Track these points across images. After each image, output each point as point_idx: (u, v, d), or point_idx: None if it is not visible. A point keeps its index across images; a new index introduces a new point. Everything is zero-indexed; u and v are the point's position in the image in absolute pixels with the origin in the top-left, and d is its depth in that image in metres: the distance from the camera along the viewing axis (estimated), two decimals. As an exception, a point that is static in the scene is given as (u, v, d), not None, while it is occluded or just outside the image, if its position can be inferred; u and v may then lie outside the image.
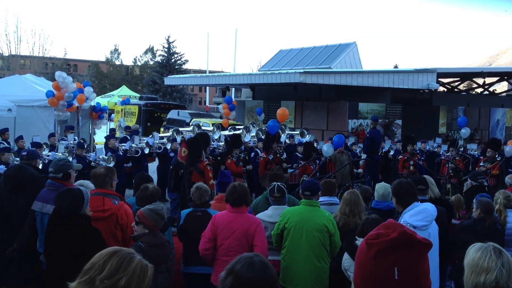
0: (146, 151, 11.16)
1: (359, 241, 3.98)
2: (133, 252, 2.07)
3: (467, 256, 2.34)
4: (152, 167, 12.63)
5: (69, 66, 66.45)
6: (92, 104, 15.40)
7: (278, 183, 5.32)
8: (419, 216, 4.08)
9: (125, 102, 29.29)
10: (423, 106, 21.27)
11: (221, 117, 17.04)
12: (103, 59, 73.56)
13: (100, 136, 18.23)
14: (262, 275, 2.03)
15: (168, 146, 11.30)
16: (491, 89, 27.13)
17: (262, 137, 11.49)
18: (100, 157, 10.13)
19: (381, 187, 5.35)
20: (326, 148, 10.55)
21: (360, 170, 12.47)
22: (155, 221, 4.18)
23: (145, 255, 2.23)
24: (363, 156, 12.12)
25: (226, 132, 11.72)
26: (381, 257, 1.79)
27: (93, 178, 4.82)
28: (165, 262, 4.15)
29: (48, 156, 9.71)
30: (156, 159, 12.55)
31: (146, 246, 4.04)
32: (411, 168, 12.07)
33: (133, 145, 11.21)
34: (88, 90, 13.98)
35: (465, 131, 12.86)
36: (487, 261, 2.25)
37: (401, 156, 12.29)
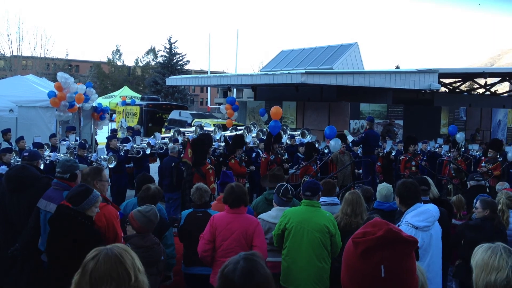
0: (148, 151, 11.17)
1: None
2: (93, 256, 2.06)
3: (474, 257, 2.34)
4: (154, 168, 12.64)
5: (71, 66, 66.60)
6: (94, 105, 15.44)
7: (288, 185, 5.35)
8: (421, 217, 4.07)
9: (131, 103, 29.34)
10: (425, 106, 21.25)
11: (229, 118, 17.09)
12: (105, 60, 73.72)
13: (101, 137, 18.26)
14: (242, 281, 1.97)
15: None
16: (492, 89, 27.10)
17: (263, 137, 11.49)
18: (102, 157, 10.14)
19: (384, 188, 5.35)
20: (334, 143, 10.50)
21: (361, 171, 12.46)
22: (142, 222, 4.18)
23: None
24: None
25: (228, 133, 11.72)
26: (368, 255, 1.80)
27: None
28: (155, 265, 4.13)
29: (49, 156, 9.72)
30: (158, 159, 12.56)
31: (132, 248, 4.06)
32: (413, 168, 12.05)
33: (134, 145, 11.23)
34: (82, 87, 13.93)
35: (459, 136, 12.92)
36: (497, 260, 2.25)
37: (403, 157, 12.28)
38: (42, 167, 8.81)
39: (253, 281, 1.99)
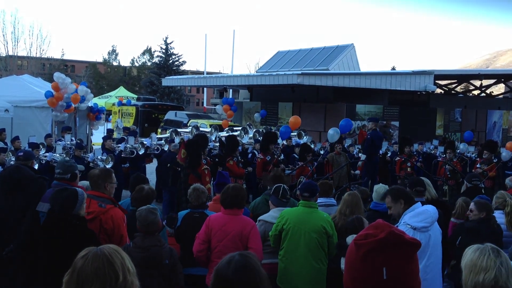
0: (141, 152, 11.12)
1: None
2: (83, 255, 2.07)
3: (464, 257, 2.35)
4: (151, 168, 12.61)
5: (67, 67, 66.47)
6: (90, 105, 15.39)
7: (284, 185, 5.34)
8: (419, 218, 4.06)
9: (127, 103, 29.27)
10: (420, 108, 21.31)
11: (226, 119, 17.08)
12: (101, 60, 73.50)
13: (97, 137, 18.22)
14: (236, 276, 1.99)
15: (166, 148, 11.28)
16: (488, 91, 27.22)
17: (259, 138, 11.47)
18: (98, 157, 10.12)
19: (380, 188, 5.36)
20: (332, 132, 10.36)
21: (357, 172, 12.46)
22: (141, 222, 4.15)
23: (130, 255, 2.23)
24: (362, 157, 11.96)
25: (224, 133, 11.69)
26: (370, 257, 1.79)
27: (89, 179, 4.82)
28: (156, 267, 4.05)
29: (45, 156, 9.68)
30: (155, 160, 12.53)
31: (132, 247, 4.04)
32: (409, 169, 12.06)
33: (127, 145, 11.17)
34: (82, 89, 13.91)
35: (463, 146, 12.99)
36: (485, 261, 2.27)
37: (398, 158, 12.29)
38: (36, 167, 8.78)
39: (247, 275, 2.00)
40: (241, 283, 1.99)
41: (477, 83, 25.76)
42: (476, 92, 27.34)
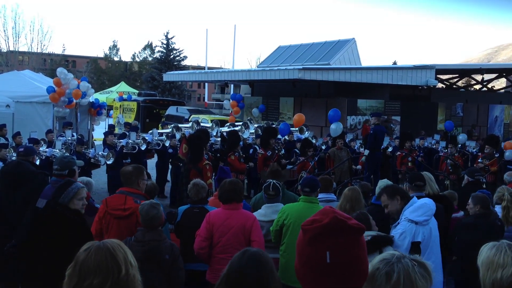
0: (143, 147, 11.14)
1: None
2: (85, 248, 2.09)
3: (480, 256, 2.34)
4: (151, 164, 12.63)
5: (68, 62, 66.33)
6: (91, 101, 15.38)
7: (274, 181, 5.31)
8: (419, 212, 4.07)
9: (127, 98, 29.26)
10: (422, 102, 21.27)
11: (231, 114, 17.10)
12: (102, 55, 73.42)
13: (99, 133, 18.22)
14: (248, 270, 2.03)
15: (167, 143, 11.29)
16: (489, 85, 27.16)
17: (260, 133, 11.48)
18: (100, 153, 10.13)
19: (383, 183, 5.34)
20: (335, 126, 10.35)
21: (359, 167, 12.46)
22: (143, 217, 4.16)
23: (131, 250, 2.25)
24: (366, 152, 11.78)
25: (225, 129, 11.71)
26: (314, 242, 1.86)
27: (121, 175, 4.83)
28: (156, 262, 4.03)
29: (45, 152, 9.69)
30: (156, 155, 12.56)
31: (134, 241, 4.06)
32: (410, 164, 12.06)
33: (129, 141, 11.18)
34: (84, 85, 13.89)
35: (462, 137, 12.98)
36: (502, 257, 2.25)
37: (399, 153, 12.27)
38: (37, 162, 8.79)
39: (259, 271, 2.06)
40: (252, 274, 2.04)
41: (478, 77, 25.68)
42: (477, 87, 27.30)
